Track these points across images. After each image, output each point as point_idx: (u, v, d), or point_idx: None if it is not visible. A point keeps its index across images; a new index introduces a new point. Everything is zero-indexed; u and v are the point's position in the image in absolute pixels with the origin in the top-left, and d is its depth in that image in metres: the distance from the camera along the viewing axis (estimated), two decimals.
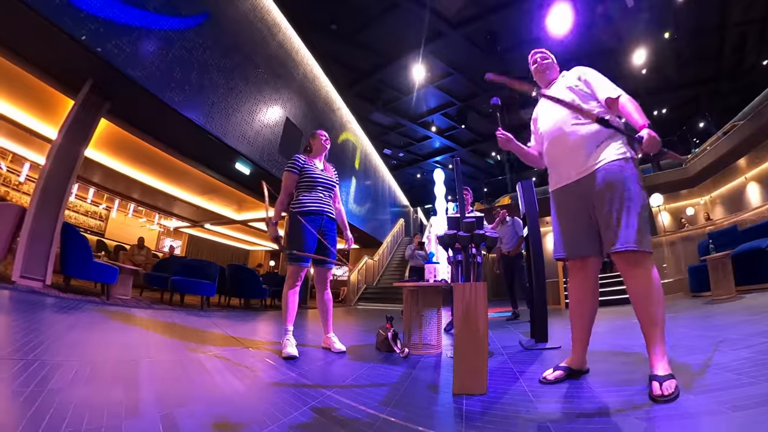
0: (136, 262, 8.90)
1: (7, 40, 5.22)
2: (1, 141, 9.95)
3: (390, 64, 14.47)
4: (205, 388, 1.83)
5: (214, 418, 1.41)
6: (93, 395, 1.52)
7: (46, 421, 1.18)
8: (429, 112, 17.91)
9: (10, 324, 2.82)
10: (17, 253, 4.83)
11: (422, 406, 1.73)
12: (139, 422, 1.29)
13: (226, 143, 7.31)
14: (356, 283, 13.14)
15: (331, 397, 1.77)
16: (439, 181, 14.33)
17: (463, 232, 2.35)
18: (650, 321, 1.78)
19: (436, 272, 3.65)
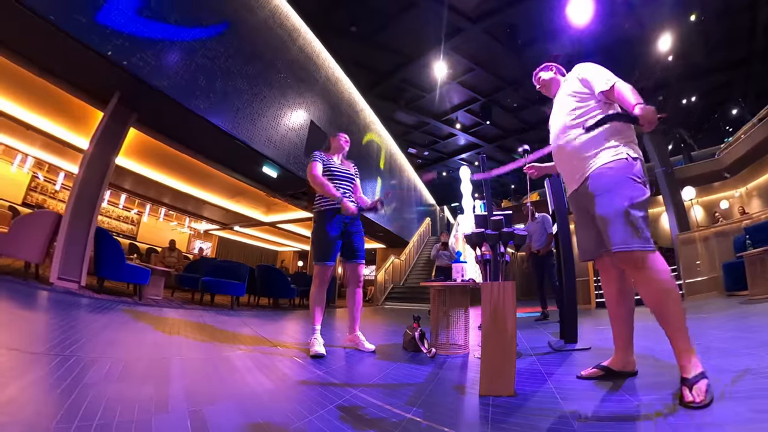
0: (168, 264, 9.18)
1: (41, 60, 5.55)
2: (37, 153, 10.67)
3: (411, 63, 14.37)
4: (234, 385, 1.87)
5: (242, 414, 1.44)
6: (125, 391, 1.59)
7: (80, 413, 1.25)
8: (452, 109, 17.65)
9: (48, 322, 2.97)
10: (54, 256, 5.11)
11: (448, 406, 1.72)
12: (168, 417, 1.34)
13: (253, 147, 7.45)
14: (383, 282, 13.19)
15: (357, 396, 1.79)
16: (465, 178, 14.17)
17: (491, 230, 2.30)
18: (665, 321, 1.72)
19: (463, 271, 3.62)
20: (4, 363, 1.68)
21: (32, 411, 1.27)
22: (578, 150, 2.03)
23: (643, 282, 1.78)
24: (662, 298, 1.73)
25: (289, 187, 9.63)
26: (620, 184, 1.85)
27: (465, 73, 15.02)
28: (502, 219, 2.30)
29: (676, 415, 1.41)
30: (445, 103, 17.20)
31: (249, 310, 6.71)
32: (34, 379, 1.58)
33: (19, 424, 1.12)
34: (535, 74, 2.57)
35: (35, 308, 3.54)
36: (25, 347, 2.07)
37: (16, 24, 4.75)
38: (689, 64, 13.33)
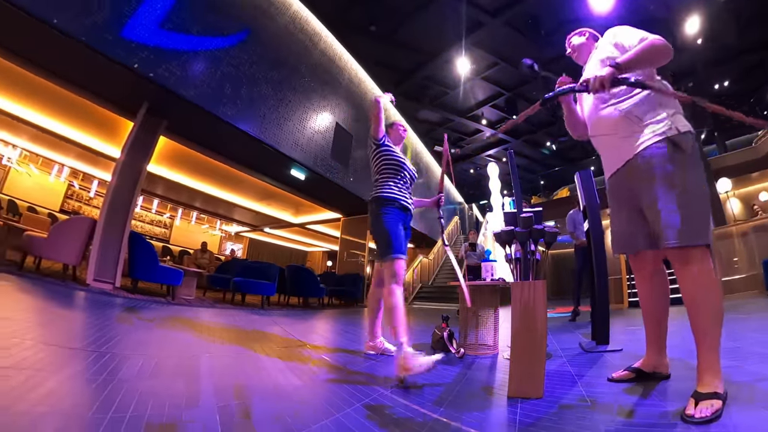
0: (200, 265, 9.43)
1: (73, 76, 5.90)
2: (72, 162, 11.48)
3: (433, 60, 14.25)
4: (263, 382, 1.92)
5: (270, 411, 1.48)
6: (156, 386, 1.66)
7: (114, 406, 1.32)
8: (477, 105, 17.38)
9: (85, 321, 3.14)
10: (90, 259, 5.37)
11: (476, 408, 1.69)
12: (197, 412, 1.39)
13: (281, 151, 7.60)
14: (411, 282, 13.15)
15: (384, 395, 1.80)
16: (493, 175, 13.97)
17: (521, 228, 2.23)
18: (699, 327, 1.55)
19: (492, 270, 3.56)
20: (44, 358, 1.78)
21: (70, 402, 1.36)
22: (621, 123, 1.80)
23: (692, 279, 1.59)
24: (705, 302, 1.56)
25: (318, 189, 9.70)
26: (678, 167, 1.63)
27: (488, 68, 14.82)
28: (532, 216, 2.23)
29: (709, 428, 1.30)
30: (469, 99, 16.98)
31: (279, 309, 6.84)
32: (71, 373, 1.68)
33: (57, 414, 1.20)
34: (567, 39, 2.36)
35: (73, 307, 3.71)
36: (64, 343, 2.20)
37: (53, 46, 5.11)
38: (720, 46, 12.45)
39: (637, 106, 1.77)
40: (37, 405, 1.24)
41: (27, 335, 2.14)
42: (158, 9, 5.70)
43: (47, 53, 5.42)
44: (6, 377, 1.41)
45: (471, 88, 16.17)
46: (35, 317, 2.93)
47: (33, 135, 9.38)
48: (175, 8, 5.89)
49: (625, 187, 1.88)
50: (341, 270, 11.78)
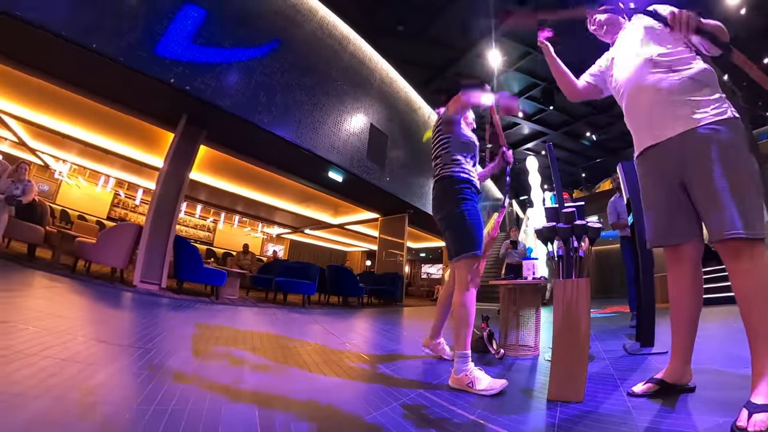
0: (242, 266, 9.87)
1: (114, 94, 6.38)
2: (118, 173, 12.49)
3: (463, 55, 13.99)
4: (302, 379, 1.98)
5: (308, 408, 1.53)
6: (199, 381, 1.75)
7: (158, 399, 1.41)
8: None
9: (132, 319, 3.34)
10: (137, 262, 5.71)
11: (513, 410, 1.66)
12: (238, 407, 1.45)
13: (317, 154, 7.75)
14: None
15: (422, 395, 1.80)
16: (532, 169, 13.58)
17: (563, 224, 2.12)
18: (756, 330, 1.40)
19: (534, 269, 3.45)
20: (95, 353, 1.93)
21: (117, 394, 1.48)
22: (679, 92, 1.60)
23: (746, 277, 1.43)
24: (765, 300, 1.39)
25: (355, 190, 9.81)
26: (739, 150, 1.49)
27: (521, 58, 14.36)
28: (574, 211, 2.13)
29: None
30: (503, 92, 16.65)
31: (319, 308, 6.98)
32: (119, 368, 1.81)
33: (106, 404, 1.31)
34: (590, 15, 2.18)
35: (121, 307, 3.94)
36: (113, 340, 2.35)
37: (94, 68, 5.54)
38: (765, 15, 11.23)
39: (698, 80, 1.60)
40: (88, 395, 1.35)
41: (79, 332, 2.31)
42: (189, 26, 6.02)
43: (88, 75, 5.91)
44: (61, 369, 1.54)
45: (504, 81, 15.74)
46: (86, 316, 3.16)
47: (80, 150, 10.32)
48: (206, 24, 6.19)
49: (661, 168, 1.71)
50: (380, 269, 11.83)
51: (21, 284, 3.72)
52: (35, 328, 2.12)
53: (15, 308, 2.66)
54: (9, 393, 1.24)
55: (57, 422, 1.11)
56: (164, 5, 5.88)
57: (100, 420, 1.17)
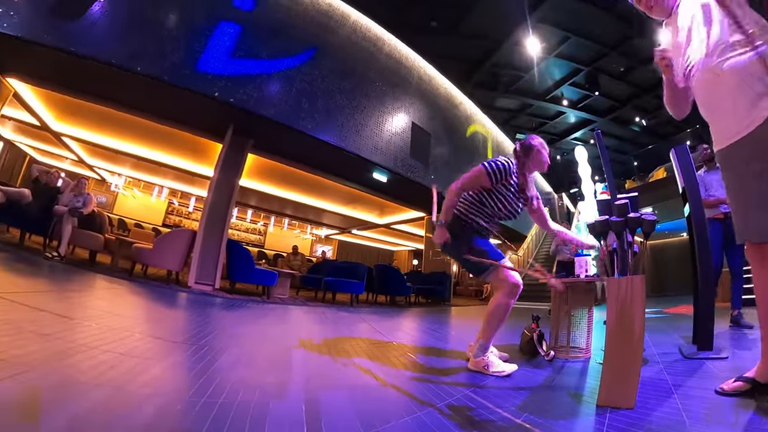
0: (292, 267, 10.22)
1: (162, 110, 6.90)
2: (172, 184, 13.55)
3: (500, 45, 13.70)
4: (348, 377, 2.02)
5: (354, 404, 1.55)
6: (248, 377, 1.82)
7: (209, 392, 1.48)
8: (555, 85, 16.36)
9: (187, 318, 3.53)
10: (191, 265, 6.09)
11: (561, 415, 1.62)
12: (284, 401, 1.51)
13: (361, 156, 7.85)
14: None
15: (468, 396, 1.78)
16: (582, 160, 12.99)
17: (616, 217, 2.00)
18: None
19: (587, 266, 3.23)
20: (151, 348, 2.07)
21: (171, 387, 1.58)
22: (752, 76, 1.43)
23: None
24: None
25: (400, 189, 9.82)
26: None
27: (560, 44, 13.87)
28: (627, 203, 2.01)
29: None
30: (546, 81, 16.07)
31: (367, 307, 7.05)
32: (173, 362, 1.94)
33: (160, 396, 1.41)
34: None
35: (176, 307, 4.17)
36: (168, 337, 2.51)
37: (141, 88, 6.10)
38: None
39: None
40: (144, 387, 1.46)
41: (136, 329, 2.48)
42: (226, 41, 6.40)
43: (137, 96, 6.50)
44: (119, 363, 1.66)
45: (545, 68, 15.23)
46: (143, 314, 3.38)
47: (134, 164, 11.31)
48: (242, 38, 6.54)
49: (747, 161, 1.52)
50: (427, 268, 11.77)
51: (84, 286, 4.02)
52: (96, 325, 2.30)
53: (78, 307, 2.91)
54: (76, 380, 1.38)
55: (115, 409, 1.21)
56: (200, 24, 6.35)
57: (154, 410, 1.26)
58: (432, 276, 10.32)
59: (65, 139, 10.13)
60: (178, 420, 1.21)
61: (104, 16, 5.97)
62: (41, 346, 1.67)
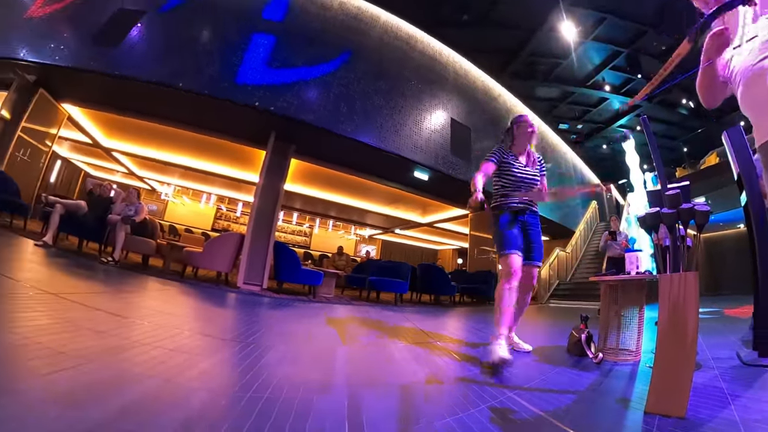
0: (337, 267, 10.38)
1: (206, 122, 7.37)
2: (219, 191, 14.44)
3: (534, 33, 13.22)
4: (392, 375, 2.03)
5: (396, 403, 1.55)
6: (293, 373, 1.87)
7: (254, 388, 1.53)
8: (595, 70, 15.65)
9: (235, 317, 3.67)
10: (240, 266, 6.40)
11: (605, 421, 1.56)
12: (328, 398, 1.52)
13: (402, 156, 7.89)
14: (548, 278, 12.18)
15: (511, 399, 1.73)
16: (629, 148, 12.37)
17: (667, 209, 1.85)
18: None
19: (638, 262, 3.03)
20: (200, 345, 2.16)
21: (218, 382, 1.65)
22: None
23: None
24: None
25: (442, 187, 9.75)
26: None
27: (596, 26, 13.18)
28: (678, 192, 1.86)
29: None
30: (585, 66, 15.39)
31: (411, 306, 7.03)
32: (221, 359, 2.01)
33: (207, 390, 1.47)
34: None
35: (225, 306, 4.32)
36: (217, 334, 2.61)
37: (185, 103, 6.60)
38: None
39: None
40: (192, 381, 1.52)
41: (186, 327, 2.59)
42: (261, 52, 6.74)
43: (181, 109, 6.99)
44: (169, 358, 1.74)
45: (584, 53, 14.54)
46: (193, 313, 3.54)
47: (182, 173, 12.17)
48: (276, 49, 6.85)
49: None
50: (472, 267, 11.57)
51: (137, 287, 4.24)
52: (149, 323, 2.42)
53: (132, 307, 3.09)
54: (129, 373, 1.47)
55: (165, 400, 1.27)
56: (234, 39, 6.77)
57: (201, 402, 1.31)
58: (477, 275, 10.14)
59: (115, 154, 11.18)
60: (224, 413, 1.25)
61: (142, 39, 6.64)
62: (97, 341, 1.78)
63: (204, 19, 6.93)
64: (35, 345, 1.54)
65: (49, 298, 2.48)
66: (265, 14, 7.18)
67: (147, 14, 6.82)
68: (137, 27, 6.68)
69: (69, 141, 10.68)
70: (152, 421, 1.08)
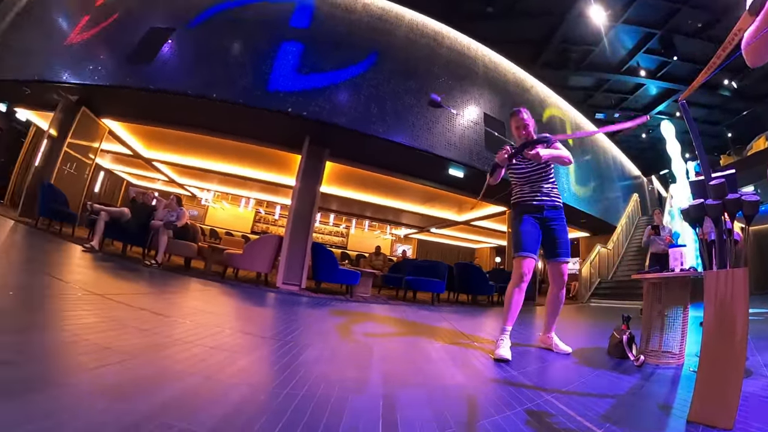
0: (374, 266, 10.48)
1: (242, 130, 7.72)
2: (258, 195, 15.11)
3: (563, 20, 12.76)
4: (428, 376, 2.01)
5: (430, 404, 1.52)
6: (330, 372, 1.87)
7: (291, 385, 1.55)
8: (629, 54, 14.91)
9: (274, 316, 3.77)
10: (279, 267, 6.63)
11: (646, 428, 1.49)
12: (363, 398, 1.52)
13: (435, 154, 7.86)
14: (588, 277, 11.80)
15: (548, 402, 1.69)
16: (669, 136, 11.68)
17: (712, 200, 1.71)
18: None
19: (683, 258, 2.89)
20: (240, 343, 2.21)
21: (256, 379, 1.68)
22: None
23: None
24: None
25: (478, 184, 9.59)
26: None
27: (625, 7, 12.55)
28: (723, 182, 1.72)
29: None
30: (618, 51, 14.72)
31: (448, 306, 6.99)
32: (260, 356, 2.06)
33: (246, 386, 1.50)
34: None
35: (264, 305, 4.43)
36: (257, 332, 2.67)
37: (220, 113, 6.96)
38: None
39: None
40: (231, 377, 1.56)
41: (227, 325, 2.68)
42: (291, 60, 6.98)
43: (216, 119, 7.33)
44: (210, 355, 1.79)
45: (615, 37, 13.89)
46: (234, 312, 3.64)
47: (221, 180, 12.79)
48: (305, 55, 7.07)
49: None
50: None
51: (180, 288, 4.40)
52: (190, 322, 2.51)
53: (175, 306, 3.22)
54: (171, 369, 1.53)
55: (205, 395, 1.31)
56: (263, 48, 7.03)
57: (240, 398, 1.34)
58: None
59: (156, 164, 11.87)
60: (261, 408, 1.27)
61: (174, 55, 7.06)
62: (141, 339, 1.86)
63: (232, 31, 7.28)
64: (83, 342, 1.63)
65: (96, 298, 2.62)
66: (291, 22, 7.44)
67: (176, 31, 7.28)
68: (168, 43, 7.14)
69: (111, 153, 11.50)
70: (193, 415, 1.12)
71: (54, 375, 1.28)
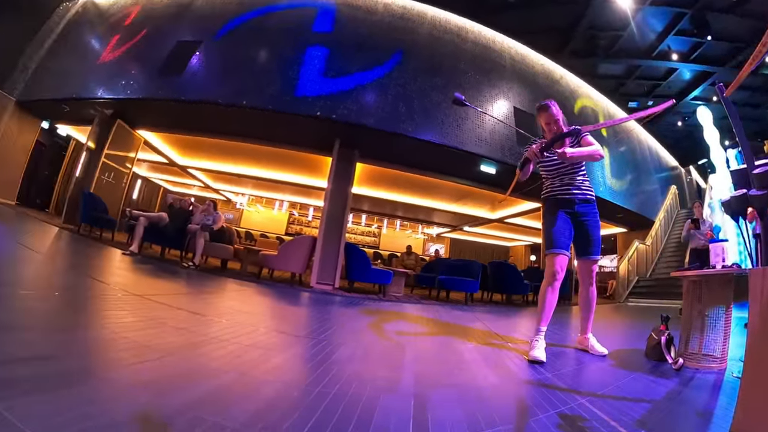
0: (407, 266, 10.46)
1: (274, 135, 7.95)
2: (291, 197, 15.61)
3: (588, 5, 12.23)
4: (459, 377, 1.99)
5: (461, 404, 1.51)
6: (362, 370, 1.89)
7: (324, 382, 1.57)
8: (659, 38, 14.17)
9: (308, 314, 3.83)
10: (313, 267, 6.74)
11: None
12: (394, 397, 1.52)
13: (466, 150, 7.75)
14: (626, 275, 11.21)
15: (582, 405, 1.64)
16: (706, 123, 10.99)
17: (756, 190, 1.57)
18: None
19: (724, 254, 2.73)
20: (275, 341, 2.25)
21: (289, 376, 1.71)
22: None
23: None
24: None
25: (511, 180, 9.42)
26: None
27: None
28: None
29: None
30: (647, 35, 14.00)
31: (482, 305, 6.91)
32: (294, 354, 2.10)
33: (279, 383, 1.54)
34: None
35: (299, 304, 4.51)
36: (291, 331, 2.74)
37: (251, 120, 7.20)
38: None
39: None
40: (266, 374, 1.60)
41: (262, 324, 2.75)
42: (317, 64, 7.12)
43: (247, 125, 7.57)
44: (245, 353, 1.84)
45: (644, 20, 13.19)
46: (269, 312, 3.72)
47: (254, 184, 13.23)
48: (330, 59, 7.19)
49: None
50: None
51: (216, 288, 4.53)
52: (226, 321, 2.59)
53: (211, 306, 3.32)
54: (206, 366, 1.58)
55: (239, 391, 1.34)
56: (289, 55, 7.21)
57: (273, 394, 1.37)
58: None
59: (191, 171, 12.40)
60: (293, 405, 1.28)
61: (202, 66, 7.36)
62: (179, 337, 1.93)
63: (257, 40, 7.51)
64: (123, 339, 1.70)
65: (135, 299, 2.73)
66: (314, 28, 7.58)
67: (203, 43, 7.59)
68: (196, 56, 7.45)
69: (147, 162, 12.15)
70: (226, 410, 1.14)
71: (96, 369, 1.35)
